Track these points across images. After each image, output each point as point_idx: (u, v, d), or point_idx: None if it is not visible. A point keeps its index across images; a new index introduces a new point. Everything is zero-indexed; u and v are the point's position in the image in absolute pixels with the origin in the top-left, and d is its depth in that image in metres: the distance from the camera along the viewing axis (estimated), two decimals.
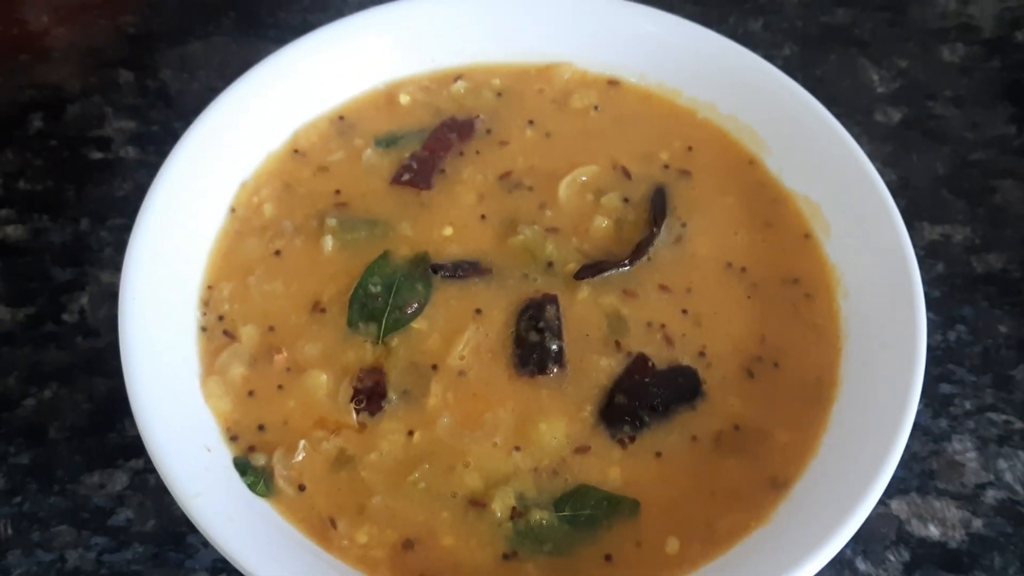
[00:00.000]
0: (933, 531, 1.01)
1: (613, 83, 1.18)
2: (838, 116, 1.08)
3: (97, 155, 1.27)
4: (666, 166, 1.11)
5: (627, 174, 1.10)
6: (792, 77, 1.12)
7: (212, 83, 1.30)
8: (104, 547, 0.97)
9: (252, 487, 0.88)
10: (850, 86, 1.39)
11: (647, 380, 0.95)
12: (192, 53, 1.39)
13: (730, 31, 1.18)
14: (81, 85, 1.33)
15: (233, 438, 0.91)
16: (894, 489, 1.06)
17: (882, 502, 1.04)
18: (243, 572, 0.82)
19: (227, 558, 0.82)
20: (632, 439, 0.92)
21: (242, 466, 0.90)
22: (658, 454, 0.92)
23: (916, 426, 0.87)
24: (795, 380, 0.96)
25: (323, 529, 0.86)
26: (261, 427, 0.92)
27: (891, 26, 1.45)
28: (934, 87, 1.39)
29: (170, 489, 0.84)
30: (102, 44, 1.38)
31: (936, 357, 1.15)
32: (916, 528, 1.02)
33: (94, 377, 1.11)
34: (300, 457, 0.89)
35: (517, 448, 0.91)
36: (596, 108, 1.16)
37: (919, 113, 1.36)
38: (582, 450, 0.91)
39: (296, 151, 1.11)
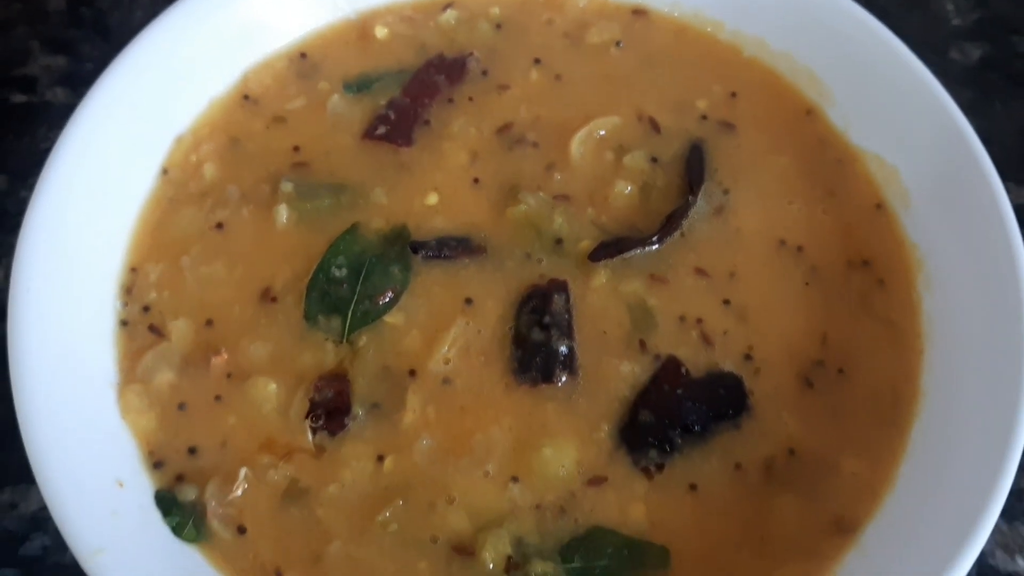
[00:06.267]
0: (1022, 565, 0.91)
1: (639, 12, 1.06)
2: None
3: (20, 98, 1.16)
4: (704, 117, 0.99)
5: (656, 127, 0.98)
6: None
7: (159, 9, 1.16)
8: None
9: (177, 531, 0.77)
10: (920, 18, 1.27)
11: (679, 391, 0.84)
12: None
13: None
14: (2, 14, 1.22)
15: (157, 464, 0.81)
16: None
17: None
18: None
19: None
20: (660, 468, 0.81)
21: (166, 503, 0.78)
22: (693, 487, 0.81)
23: None
24: (865, 392, 0.85)
25: None
26: (192, 450, 0.81)
27: None
28: (1021, 20, 1.27)
29: (66, 541, 0.70)
30: None
31: None
32: (1001, 561, 0.92)
33: (4, 370, 0.95)
34: (240, 490, 0.79)
35: (514, 479, 0.80)
36: (618, 44, 1.04)
37: (1003, 52, 1.25)
38: (597, 482, 0.80)
39: (246, 97, 0.99)
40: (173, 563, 0.74)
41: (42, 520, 0.90)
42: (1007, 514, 0.93)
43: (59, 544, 0.86)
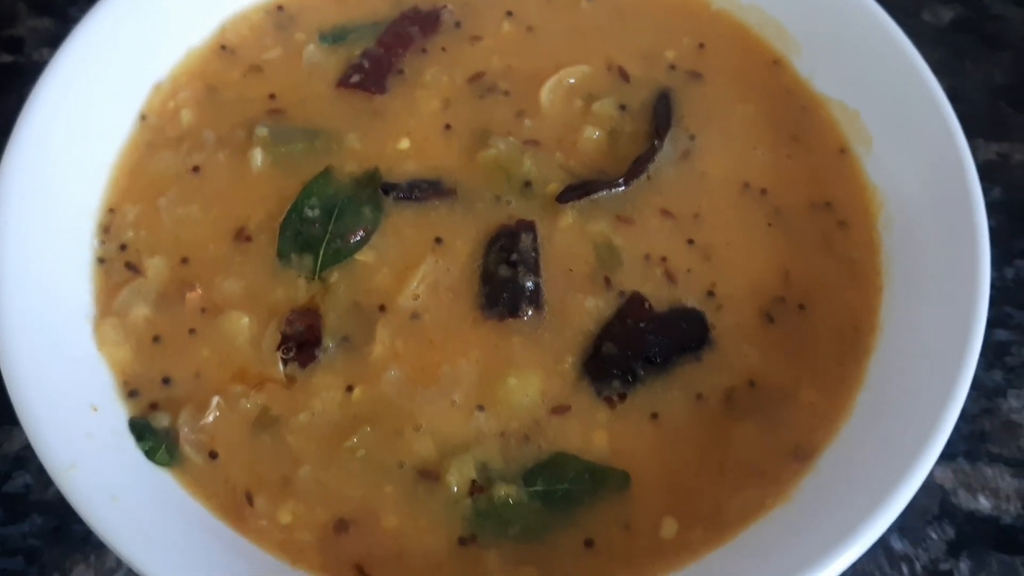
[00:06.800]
0: (983, 504, 0.92)
1: None
2: None
3: (6, 58, 1.17)
4: (672, 67, 1.00)
5: (625, 76, 0.99)
6: None
7: None
8: None
9: (150, 454, 0.78)
10: None
11: (642, 325, 0.84)
12: None
13: None
14: None
15: (131, 394, 0.81)
16: None
17: None
18: (129, 565, 0.67)
19: (107, 545, 0.68)
20: (622, 397, 0.82)
21: (140, 429, 0.79)
22: (654, 416, 0.81)
23: None
24: (824, 327, 0.86)
25: (237, 506, 0.77)
26: (166, 380, 0.82)
27: None
28: None
29: (39, 456, 0.71)
30: None
31: (990, 298, 1.00)
32: (963, 500, 0.92)
33: None
34: (212, 417, 0.80)
35: (480, 408, 0.81)
36: None
37: (974, 13, 1.25)
38: (560, 410, 0.81)
39: (223, 47, 1.00)
40: (145, 484, 0.74)
41: (25, 460, 0.90)
42: (970, 455, 0.94)
43: (41, 482, 0.89)
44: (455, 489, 0.76)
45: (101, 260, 0.86)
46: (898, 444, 0.75)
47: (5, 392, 0.90)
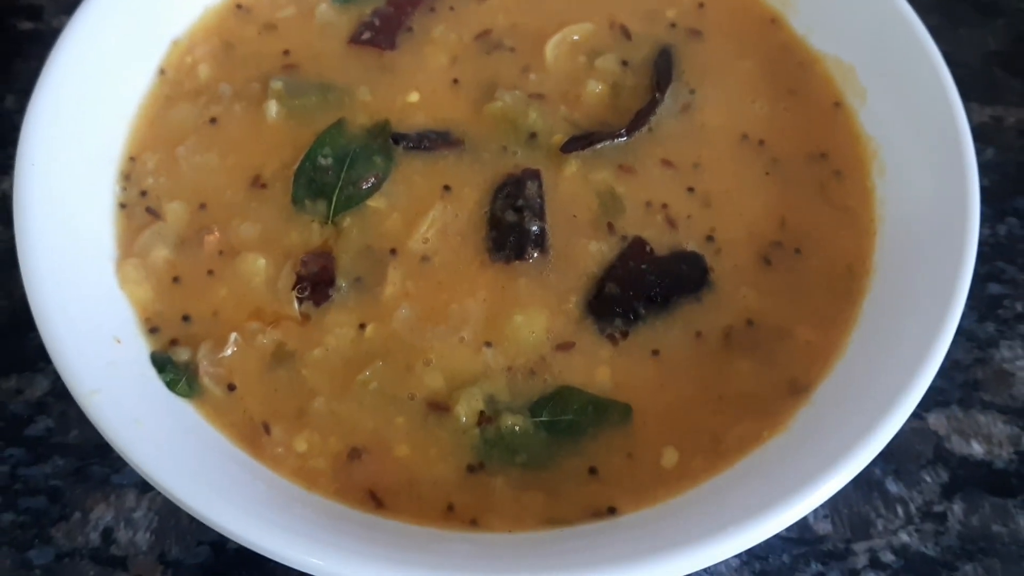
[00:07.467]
0: (976, 449, 0.93)
1: None
2: None
3: (27, 25, 1.19)
4: (673, 25, 1.01)
5: (626, 33, 1.00)
6: None
7: None
8: (20, 459, 0.90)
9: (171, 386, 0.80)
10: None
11: (644, 267, 0.86)
12: None
13: None
14: None
15: (152, 330, 0.83)
16: (932, 401, 0.95)
17: (918, 415, 0.94)
18: (150, 481, 0.69)
19: (129, 463, 0.70)
20: (625, 335, 0.83)
21: (161, 362, 0.81)
22: (655, 352, 0.83)
23: (959, 330, 0.79)
24: (820, 269, 0.87)
25: (254, 435, 0.78)
26: (186, 318, 0.84)
27: None
28: None
29: (64, 381, 0.73)
30: None
31: (984, 254, 1.03)
32: (957, 445, 0.93)
33: (14, 271, 0.98)
34: (230, 352, 0.81)
35: (488, 344, 0.82)
36: None
37: None
38: (565, 347, 0.82)
39: (239, 6, 1.02)
40: (166, 412, 0.76)
41: (46, 404, 0.92)
42: (963, 403, 0.95)
43: (61, 426, 0.91)
44: (464, 420, 0.78)
45: (123, 205, 0.88)
46: (888, 379, 0.76)
47: (27, 340, 0.94)
